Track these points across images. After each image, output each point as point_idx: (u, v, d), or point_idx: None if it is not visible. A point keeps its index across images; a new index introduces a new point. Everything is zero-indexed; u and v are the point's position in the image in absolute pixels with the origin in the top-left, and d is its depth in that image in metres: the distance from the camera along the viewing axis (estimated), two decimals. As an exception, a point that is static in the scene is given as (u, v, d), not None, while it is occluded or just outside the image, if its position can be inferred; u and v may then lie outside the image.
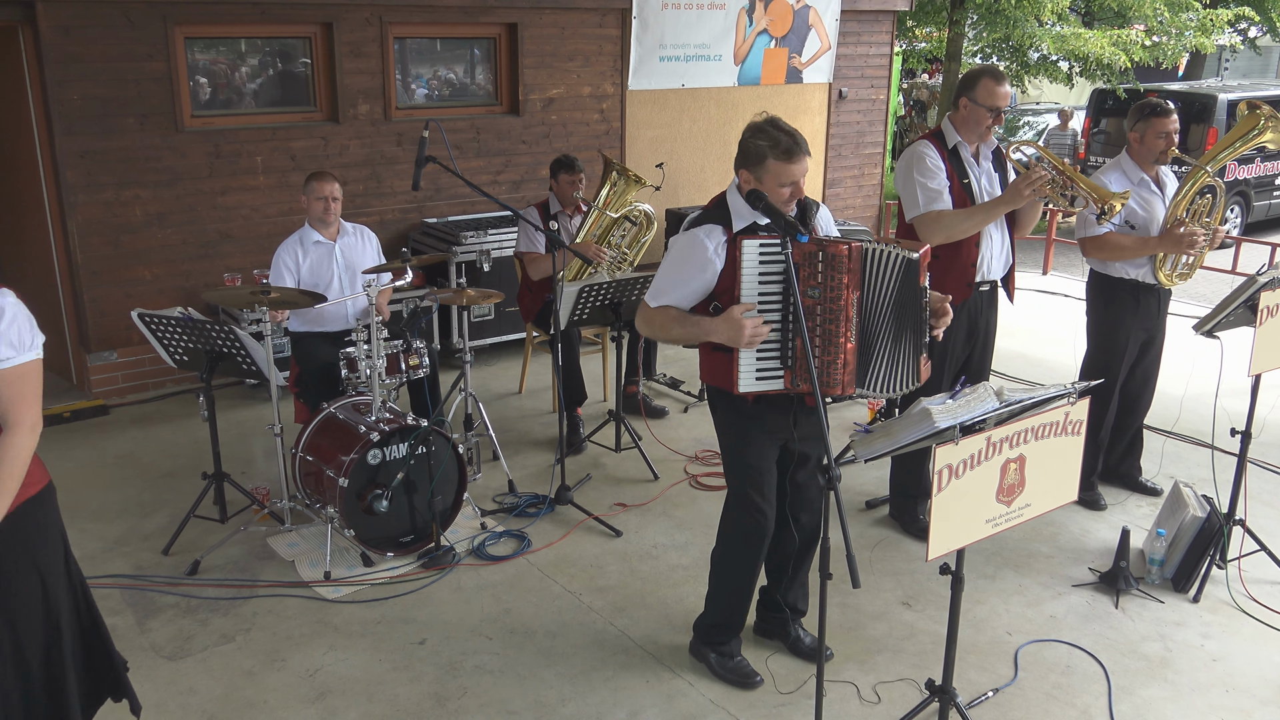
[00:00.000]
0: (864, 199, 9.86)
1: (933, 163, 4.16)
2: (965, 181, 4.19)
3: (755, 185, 3.19)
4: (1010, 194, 4.06)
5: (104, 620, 2.95)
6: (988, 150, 4.28)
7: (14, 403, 2.42)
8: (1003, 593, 4.19)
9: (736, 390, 3.17)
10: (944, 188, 4.14)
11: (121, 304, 6.08)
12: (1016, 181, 4.03)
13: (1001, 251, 4.31)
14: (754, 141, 3.17)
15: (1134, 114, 4.59)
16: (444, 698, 3.51)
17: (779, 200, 3.17)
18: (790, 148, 3.12)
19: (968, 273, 4.23)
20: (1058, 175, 4.09)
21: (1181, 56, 13.24)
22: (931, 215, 4.12)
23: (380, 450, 4.27)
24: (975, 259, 4.22)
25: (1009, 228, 4.33)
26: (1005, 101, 4.13)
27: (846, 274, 3.09)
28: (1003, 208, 4.10)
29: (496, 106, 7.45)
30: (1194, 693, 3.59)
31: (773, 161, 3.14)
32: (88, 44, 5.78)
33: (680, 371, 6.75)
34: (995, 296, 4.43)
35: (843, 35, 9.03)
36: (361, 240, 5.13)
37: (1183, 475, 5.11)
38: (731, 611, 3.60)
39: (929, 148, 4.19)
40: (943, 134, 4.24)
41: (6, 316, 2.39)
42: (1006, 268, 4.39)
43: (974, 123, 4.16)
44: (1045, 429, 2.94)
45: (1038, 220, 4.41)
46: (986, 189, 4.23)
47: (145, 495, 5.00)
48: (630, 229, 5.87)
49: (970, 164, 4.22)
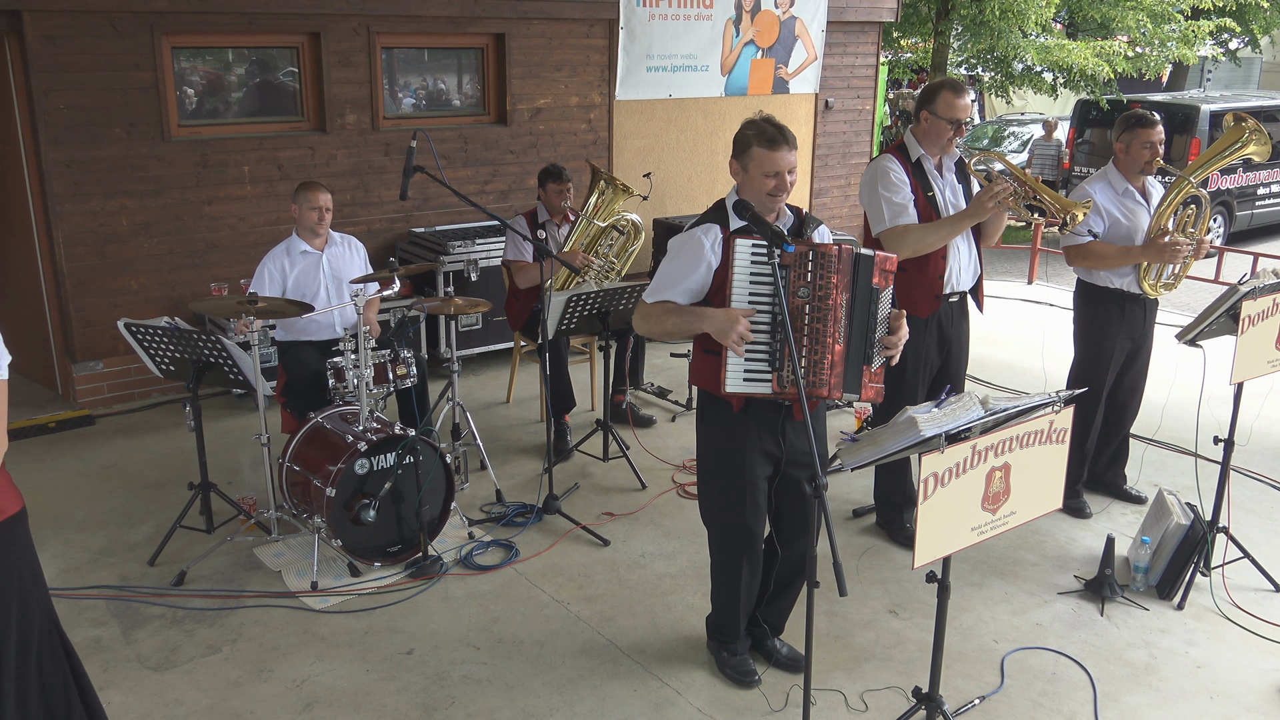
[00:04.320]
0: (850, 209, 9.90)
1: (897, 177, 4.18)
2: (930, 194, 4.21)
3: (743, 175, 3.27)
4: (974, 207, 4.09)
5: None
6: (950, 162, 4.31)
7: None
8: (989, 600, 4.20)
9: (723, 390, 3.18)
10: (909, 201, 4.16)
11: (108, 314, 6.06)
12: (980, 194, 4.06)
13: (969, 263, 4.34)
14: (743, 131, 3.29)
15: (1119, 125, 4.64)
16: (432, 708, 3.50)
17: (763, 190, 3.22)
18: (774, 136, 3.21)
19: (935, 285, 4.26)
20: (1020, 186, 4.11)
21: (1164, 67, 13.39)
22: (898, 230, 4.15)
23: (368, 460, 4.26)
24: (943, 271, 4.24)
25: (975, 239, 4.36)
26: (965, 114, 4.16)
27: (836, 274, 3.11)
28: (967, 221, 4.14)
29: (484, 116, 7.46)
30: (1179, 699, 3.61)
31: (757, 149, 3.21)
32: (74, 53, 5.77)
33: (668, 381, 6.76)
34: (965, 307, 4.46)
35: (829, 46, 9.09)
36: (349, 250, 5.13)
37: (1167, 483, 5.15)
38: (729, 612, 3.61)
39: (893, 162, 4.22)
40: (906, 148, 4.27)
41: None
42: (975, 278, 4.41)
43: (935, 135, 4.18)
44: (1030, 437, 2.96)
45: (1003, 230, 4.45)
46: (951, 201, 4.25)
47: (131, 506, 4.97)
48: (618, 238, 5.89)
49: (934, 176, 4.25)
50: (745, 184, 3.29)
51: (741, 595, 3.55)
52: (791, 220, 3.41)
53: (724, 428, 3.37)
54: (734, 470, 3.38)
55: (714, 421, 3.42)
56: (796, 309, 3.13)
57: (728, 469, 3.40)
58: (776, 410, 3.33)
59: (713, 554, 3.61)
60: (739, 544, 3.47)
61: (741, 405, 3.30)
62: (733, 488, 3.40)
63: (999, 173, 4.17)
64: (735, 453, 3.37)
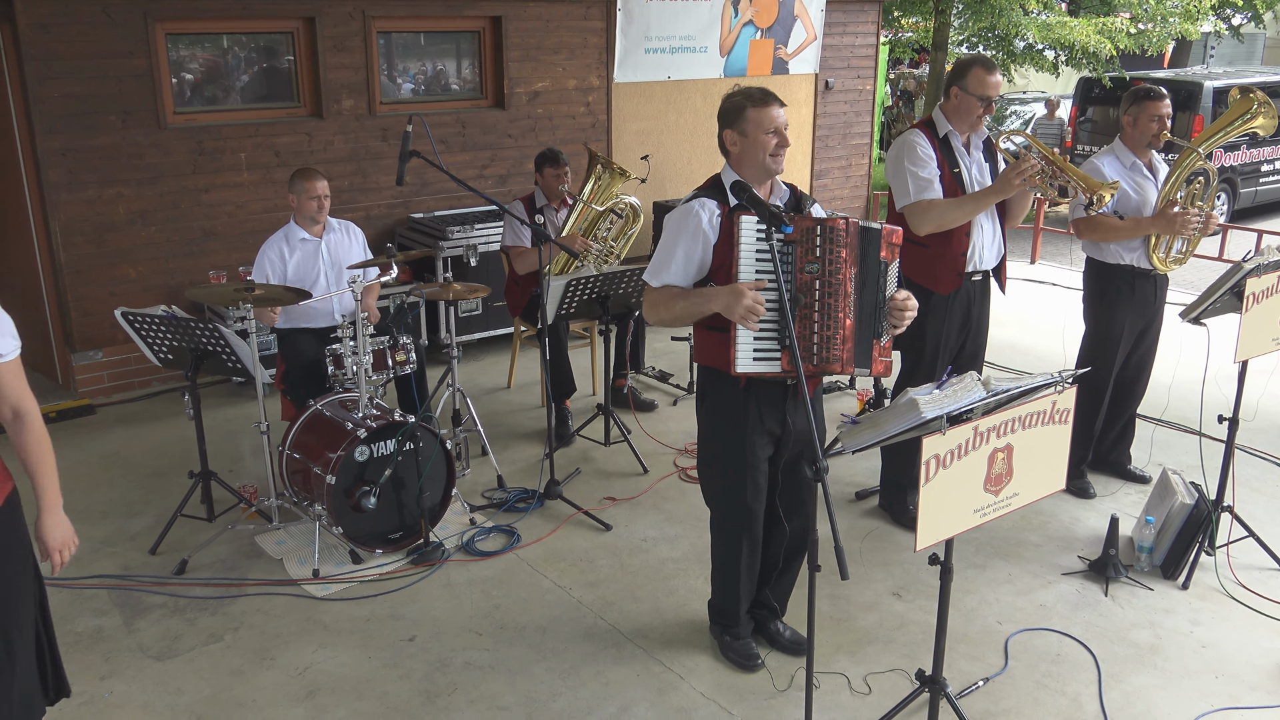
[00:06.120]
0: (851, 189, 9.85)
1: (924, 152, 4.15)
2: (956, 171, 4.18)
3: (742, 141, 3.24)
4: (1000, 183, 4.05)
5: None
6: (978, 140, 4.28)
7: (22, 391, 2.61)
8: (992, 582, 4.19)
9: (734, 370, 3.14)
10: (934, 177, 4.13)
11: (106, 303, 6.04)
12: (1006, 171, 4.02)
13: (993, 242, 4.31)
14: (730, 100, 3.28)
15: (1127, 99, 4.60)
16: (434, 694, 3.50)
17: (765, 149, 3.21)
18: (762, 95, 3.23)
19: (958, 262, 4.23)
20: (1047, 165, 4.08)
21: (1167, 44, 13.27)
22: (922, 204, 4.12)
23: (368, 447, 4.24)
24: (966, 249, 4.21)
25: (1000, 218, 4.32)
26: (996, 91, 4.12)
27: (845, 248, 3.08)
28: (993, 197, 4.10)
29: (482, 100, 7.42)
30: (1184, 679, 3.60)
31: (751, 110, 3.21)
32: (68, 41, 5.73)
33: (669, 365, 6.74)
34: (987, 287, 4.43)
35: (828, 26, 9.02)
36: (347, 236, 5.10)
37: (1171, 462, 5.12)
38: (730, 595, 3.60)
39: (920, 137, 4.19)
40: (934, 123, 4.23)
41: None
42: (998, 258, 4.38)
43: (965, 112, 4.15)
44: (1033, 418, 2.93)
45: (1028, 210, 4.41)
46: (977, 178, 4.22)
47: (132, 495, 4.97)
48: (616, 222, 5.86)
49: (961, 153, 4.22)
50: (745, 150, 3.25)
51: (742, 576, 3.54)
52: (788, 195, 3.38)
53: (726, 408, 3.34)
54: (736, 451, 3.36)
55: (716, 401, 3.39)
56: (806, 284, 3.10)
57: (729, 450, 3.38)
58: (780, 389, 3.30)
59: (713, 535, 3.60)
60: (739, 525, 3.45)
61: (744, 384, 3.27)
62: (734, 469, 3.38)
63: (1026, 150, 4.14)
64: (737, 434, 3.34)
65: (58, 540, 2.70)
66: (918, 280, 4.24)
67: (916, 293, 4.17)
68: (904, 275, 4.05)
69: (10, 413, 2.59)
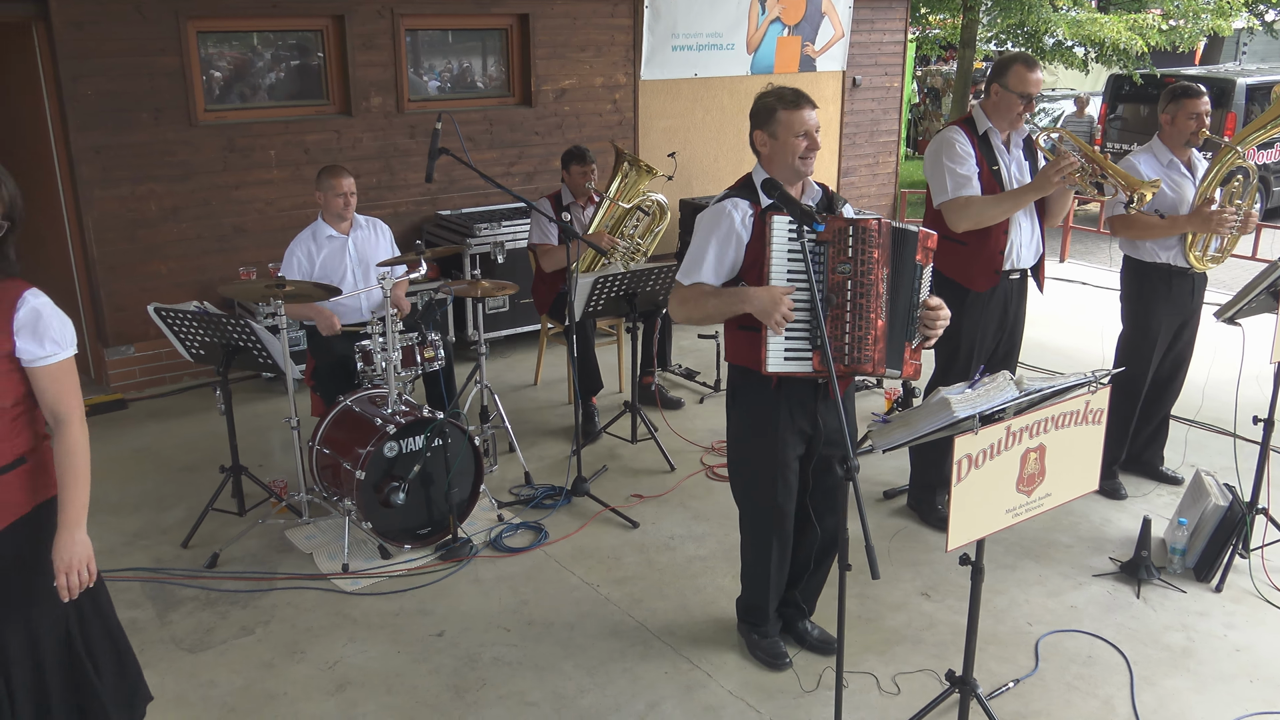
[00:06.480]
0: (879, 187, 9.80)
1: (962, 149, 4.12)
2: (995, 168, 4.14)
3: (772, 143, 3.24)
4: (1040, 181, 4.01)
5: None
6: (1019, 138, 4.23)
7: (63, 396, 2.54)
8: (1023, 583, 4.16)
9: (765, 370, 3.13)
10: (973, 174, 4.09)
11: (138, 298, 6.10)
12: (1046, 168, 3.98)
13: (1031, 240, 4.26)
14: (761, 100, 3.27)
15: (1165, 96, 4.56)
16: (463, 689, 3.51)
17: (795, 152, 3.20)
18: (794, 98, 3.22)
19: (995, 260, 4.19)
20: (1087, 163, 4.04)
21: (1199, 40, 13.10)
22: (959, 201, 4.09)
23: (397, 443, 4.27)
24: (1003, 246, 4.18)
25: (1039, 216, 4.28)
26: (1037, 88, 4.08)
27: (877, 249, 3.07)
28: (1032, 194, 4.06)
29: (509, 98, 7.44)
30: (1218, 683, 3.56)
31: (782, 112, 3.20)
32: (101, 39, 5.79)
33: (695, 362, 6.73)
34: (1025, 286, 4.38)
35: (856, 22, 8.97)
36: (375, 233, 5.12)
37: (1204, 464, 5.06)
38: (760, 594, 3.59)
39: (959, 134, 4.16)
40: (973, 120, 4.20)
41: (45, 315, 2.49)
42: (1037, 256, 4.34)
43: (1005, 109, 4.11)
44: (1066, 418, 2.91)
45: (1068, 209, 4.37)
46: (1016, 176, 4.18)
47: (164, 489, 5.02)
48: (643, 219, 5.85)
49: (1000, 151, 4.18)
50: (775, 152, 3.25)
51: (772, 575, 3.53)
52: (820, 195, 3.37)
53: (757, 406, 3.34)
54: (767, 450, 3.35)
55: (747, 400, 3.38)
56: (838, 285, 3.09)
57: (760, 449, 3.37)
58: (811, 388, 3.29)
59: (743, 534, 3.59)
60: (770, 524, 3.44)
61: (775, 383, 3.26)
62: (765, 468, 3.37)
63: (1066, 148, 4.10)
64: (768, 432, 3.33)
65: (65, 560, 2.51)
66: (954, 278, 4.21)
67: (952, 290, 4.16)
68: (940, 272, 4.03)
69: (50, 418, 2.56)
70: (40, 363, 2.49)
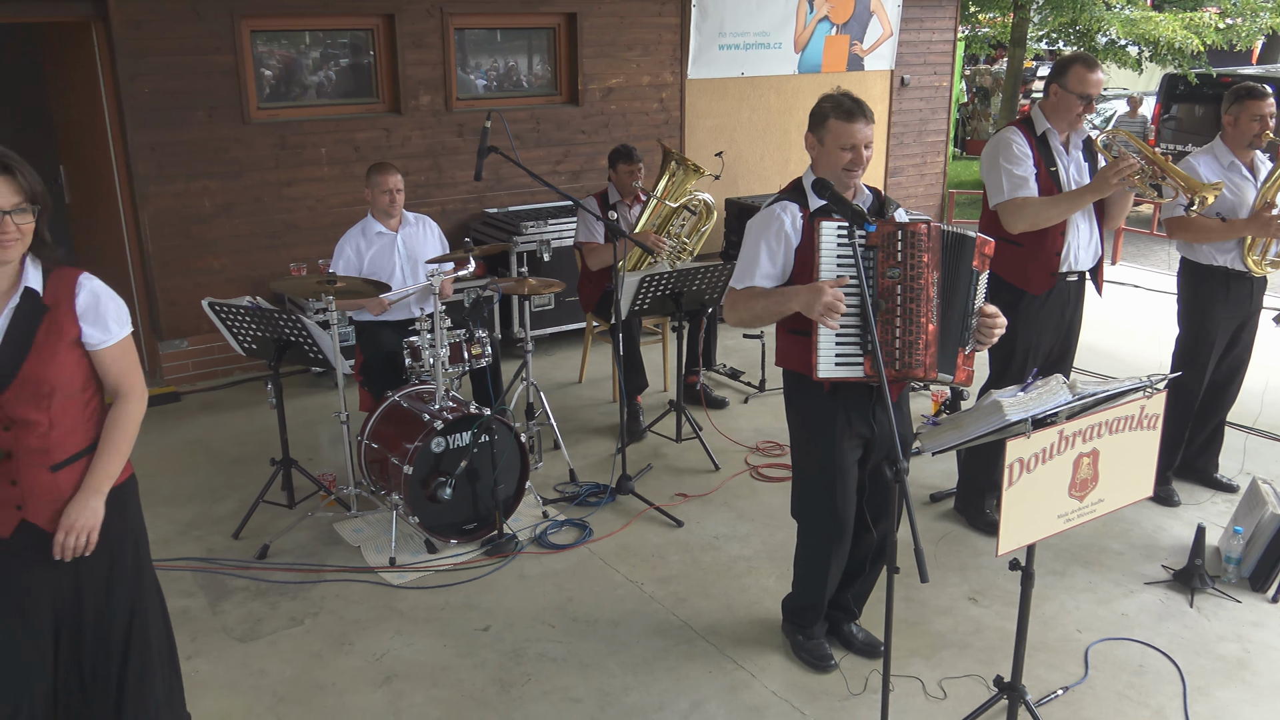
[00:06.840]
0: (926, 188, 9.71)
1: (1019, 149, 4.06)
2: (1053, 169, 4.08)
3: (819, 149, 3.24)
4: (1098, 182, 3.95)
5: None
6: (1078, 139, 4.17)
7: (125, 374, 2.64)
8: (1072, 590, 4.11)
9: (816, 375, 3.11)
10: (1030, 175, 4.04)
11: (192, 293, 6.21)
12: (1105, 169, 3.92)
13: (1090, 242, 4.20)
14: (821, 104, 3.26)
15: (1228, 97, 4.47)
16: (508, 684, 3.54)
17: (838, 164, 3.18)
18: (851, 109, 3.18)
19: (1052, 262, 4.13)
20: (1147, 164, 3.97)
21: (1257, 39, 12.83)
22: (1016, 202, 4.04)
23: (444, 438, 4.30)
24: (1060, 248, 4.11)
25: (1098, 219, 4.22)
26: (1097, 89, 4.01)
27: (926, 253, 3.05)
28: (1090, 196, 4.00)
29: (556, 96, 7.47)
30: (1273, 695, 3.49)
31: (833, 121, 3.19)
32: (157, 38, 5.90)
33: (740, 362, 6.72)
34: (1082, 289, 4.32)
35: (905, 21, 8.90)
36: (423, 229, 5.17)
37: (1261, 471, 4.96)
38: (810, 595, 3.58)
39: (1017, 134, 4.10)
40: (1032, 121, 4.15)
41: (103, 297, 2.57)
42: (1095, 259, 4.27)
43: (1064, 110, 4.05)
44: (1120, 423, 2.87)
45: (1128, 211, 4.30)
46: (1075, 178, 4.12)
47: (216, 480, 5.10)
48: (689, 218, 5.85)
49: (1059, 152, 4.12)
50: (821, 157, 3.24)
51: (828, 581, 3.52)
52: (871, 199, 3.34)
53: (813, 412, 3.32)
54: (827, 459, 3.33)
55: (802, 406, 3.36)
56: (887, 289, 3.07)
57: (817, 454, 3.36)
58: (865, 393, 3.27)
59: (801, 539, 3.57)
60: (830, 530, 3.41)
61: (830, 387, 3.24)
62: (824, 473, 3.35)
63: (1126, 149, 4.04)
64: (827, 440, 3.31)
65: (71, 519, 2.52)
66: (1010, 279, 4.16)
67: (1008, 292, 4.11)
68: (996, 274, 3.98)
69: (113, 394, 2.66)
70: (104, 345, 2.57)
